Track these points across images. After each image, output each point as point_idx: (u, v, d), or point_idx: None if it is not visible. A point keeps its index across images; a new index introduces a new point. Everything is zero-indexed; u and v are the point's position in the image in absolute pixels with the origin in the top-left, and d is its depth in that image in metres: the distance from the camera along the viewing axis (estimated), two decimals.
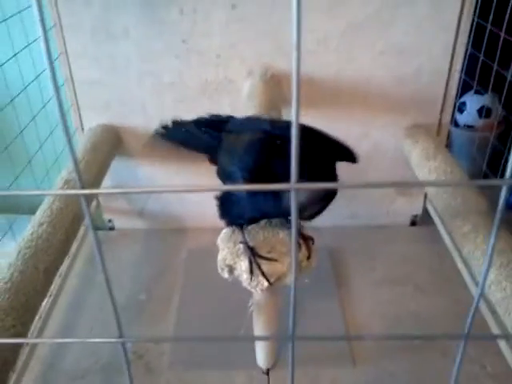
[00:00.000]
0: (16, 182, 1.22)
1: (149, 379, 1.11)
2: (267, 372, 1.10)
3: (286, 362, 1.13)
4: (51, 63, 0.22)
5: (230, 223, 0.93)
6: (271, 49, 1.29)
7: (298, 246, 0.90)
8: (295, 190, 0.28)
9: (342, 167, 0.79)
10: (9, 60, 1.19)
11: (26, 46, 1.24)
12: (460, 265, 1.24)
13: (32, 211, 1.07)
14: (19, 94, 1.24)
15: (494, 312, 1.05)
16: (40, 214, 1.05)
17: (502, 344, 1.07)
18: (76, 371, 1.12)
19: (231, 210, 0.89)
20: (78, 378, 1.10)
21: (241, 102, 1.33)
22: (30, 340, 1.06)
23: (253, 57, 1.31)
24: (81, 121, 1.43)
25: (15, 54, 1.20)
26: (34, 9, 0.22)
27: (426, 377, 1.07)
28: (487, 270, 0.29)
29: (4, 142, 1.22)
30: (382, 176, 1.47)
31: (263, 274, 0.86)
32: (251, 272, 0.87)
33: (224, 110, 1.37)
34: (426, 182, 1.19)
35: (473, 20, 1.27)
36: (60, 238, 1.01)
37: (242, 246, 0.90)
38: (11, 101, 1.21)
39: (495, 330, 1.09)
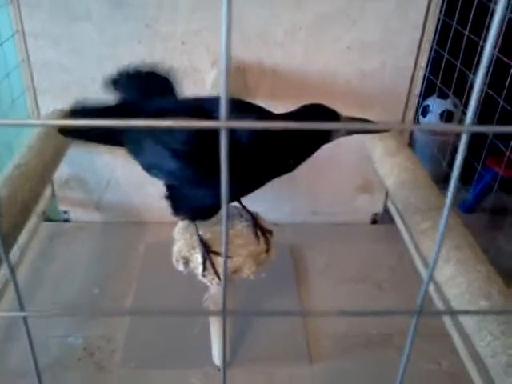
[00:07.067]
0: None
1: (100, 377, 1.06)
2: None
3: (242, 360, 1.10)
4: None
5: (186, 219, 0.89)
6: (236, 38, 1.26)
7: (257, 238, 0.88)
8: (225, 128, 0.25)
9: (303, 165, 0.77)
10: None
11: None
12: (418, 262, 1.24)
13: None
14: None
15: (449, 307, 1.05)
16: None
17: (457, 342, 1.07)
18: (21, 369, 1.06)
19: (184, 206, 0.85)
20: (21, 375, 1.04)
21: (205, 91, 1.29)
22: None
23: (218, 45, 1.28)
24: (37, 105, 1.36)
25: None
26: None
27: (381, 374, 1.07)
28: (438, 250, 0.27)
29: None
30: (344, 172, 1.47)
31: (216, 272, 0.84)
32: (204, 267, 0.84)
33: None
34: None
35: (439, 18, 1.28)
36: (6, 226, 0.95)
37: (197, 238, 0.87)
38: None
39: (451, 330, 1.10)
